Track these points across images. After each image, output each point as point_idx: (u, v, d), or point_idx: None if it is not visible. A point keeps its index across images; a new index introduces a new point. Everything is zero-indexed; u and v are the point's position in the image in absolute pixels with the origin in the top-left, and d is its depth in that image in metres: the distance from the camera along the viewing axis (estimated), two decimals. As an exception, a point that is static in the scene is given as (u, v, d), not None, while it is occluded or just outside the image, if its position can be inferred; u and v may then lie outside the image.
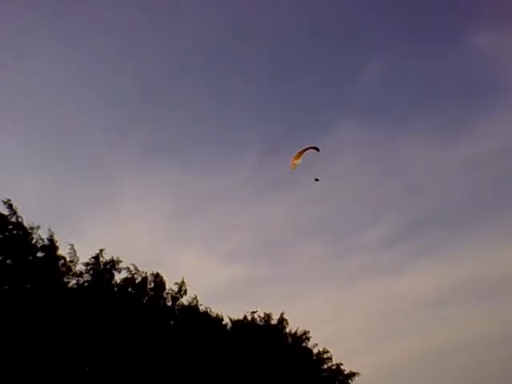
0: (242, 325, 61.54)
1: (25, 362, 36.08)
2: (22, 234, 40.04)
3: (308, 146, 48.50)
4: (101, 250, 45.59)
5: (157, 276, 50.29)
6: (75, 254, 43.93)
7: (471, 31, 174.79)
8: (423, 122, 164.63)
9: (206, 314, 55.07)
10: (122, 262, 46.54)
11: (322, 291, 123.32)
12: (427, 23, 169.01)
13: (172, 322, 50.70)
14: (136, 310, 45.88)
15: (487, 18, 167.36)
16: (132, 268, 48.02)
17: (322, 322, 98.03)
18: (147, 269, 49.49)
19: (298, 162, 48.45)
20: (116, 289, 46.34)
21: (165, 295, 51.27)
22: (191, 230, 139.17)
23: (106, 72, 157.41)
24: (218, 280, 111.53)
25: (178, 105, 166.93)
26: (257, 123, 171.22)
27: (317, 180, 47.70)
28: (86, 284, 44.30)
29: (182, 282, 52.13)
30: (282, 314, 65.22)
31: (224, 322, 59.34)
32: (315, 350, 69.18)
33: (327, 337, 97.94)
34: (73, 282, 43.77)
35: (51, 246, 42.01)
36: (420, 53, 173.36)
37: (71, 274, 43.52)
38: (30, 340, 36.82)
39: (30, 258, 40.69)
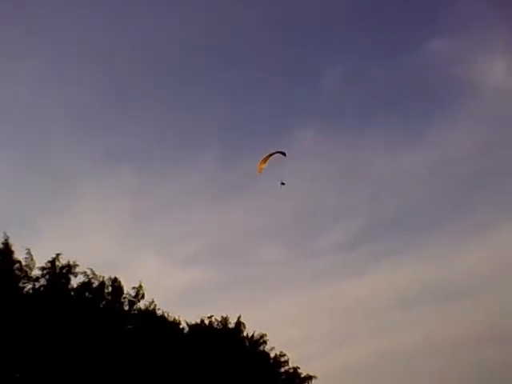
0: (199, 329, 61.92)
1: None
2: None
3: (275, 151, 49.40)
4: (57, 255, 45.45)
5: (115, 280, 50.35)
6: (31, 259, 43.70)
7: (428, 37, 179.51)
8: (384, 125, 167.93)
9: (163, 318, 55.33)
10: (78, 266, 46.47)
11: (283, 294, 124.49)
12: (386, 29, 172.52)
13: (129, 327, 50.70)
14: (93, 315, 45.85)
15: (443, 25, 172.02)
16: (89, 272, 47.94)
17: (283, 325, 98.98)
18: (105, 273, 49.50)
19: (264, 166, 49.30)
20: (73, 293, 46.19)
21: (122, 299, 51.21)
22: (149, 234, 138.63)
23: (63, 74, 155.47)
24: (177, 284, 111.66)
25: (135, 108, 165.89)
26: (216, 126, 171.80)
27: (283, 184, 48.54)
28: (42, 289, 44.05)
29: (140, 286, 52.34)
30: (238, 318, 65.93)
31: (181, 326, 59.65)
32: (272, 354, 70.00)
33: (289, 340, 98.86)
34: (29, 286, 43.52)
35: (6, 251, 41.75)
36: (380, 57, 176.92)
37: (27, 278, 43.20)
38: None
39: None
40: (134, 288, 52.16)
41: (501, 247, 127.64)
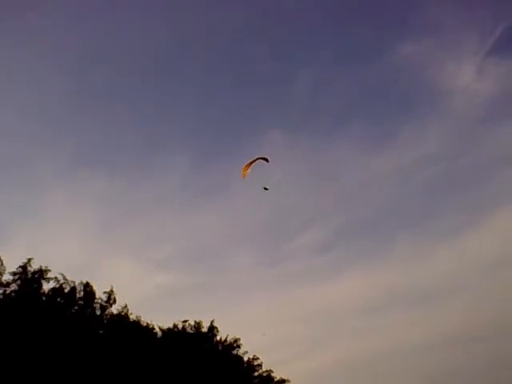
0: (173, 333, 61.92)
1: None
2: None
3: (258, 157, 49.75)
4: (28, 260, 45.31)
5: (86, 285, 50.24)
6: (2, 264, 43.42)
7: (398, 41, 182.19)
8: (355, 128, 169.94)
9: (136, 322, 55.27)
10: (50, 271, 46.44)
11: (256, 298, 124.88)
12: (358, 34, 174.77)
13: (101, 331, 50.50)
14: (65, 320, 45.64)
15: (413, 29, 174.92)
16: (60, 277, 47.73)
17: (256, 329, 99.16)
18: (78, 278, 49.36)
19: (248, 171, 49.59)
20: (44, 298, 45.91)
21: (94, 304, 51.02)
22: (122, 240, 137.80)
23: (34, 82, 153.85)
24: (149, 289, 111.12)
25: (105, 113, 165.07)
26: (188, 132, 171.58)
27: (266, 189, 48.75)
28: (13, 294, 43.71)
29: (111, 291, 52.32)
30: (212, 322, 66.12)
31: (154, 331, 59.58)
32: (246, 358, 70.27)
33: (261, 344, 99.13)
34: (-1, 291, 43.17)
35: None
36: (350, 62, 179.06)
37: (-2, 283, 42.91)
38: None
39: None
40: (105, 293, 52.10)
41: (469, 250, 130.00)
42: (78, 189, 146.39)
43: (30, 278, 44.79)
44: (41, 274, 45.57)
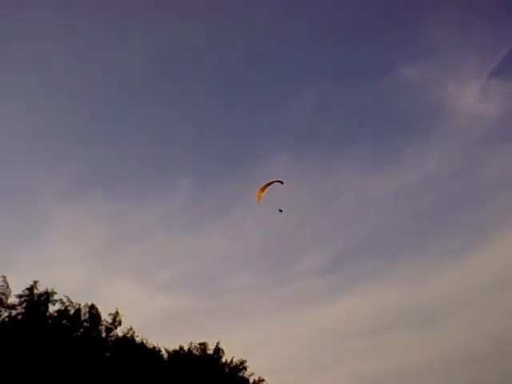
0: (179, 355, 61.33)
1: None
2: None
3: (273, 180, 49.82)
4: (35, 282, 45.20)
5: (92, 307, 50.03)
6: (7, 286, 43.23)
7: (401, 63, 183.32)
8: (356, 150, 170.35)
9: (142, 344, 54.84)
10: (56, 293, 46.11)
11: (259, 321, 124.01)
12: (359, 55, 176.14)
13: (107, 354, 50.05)
14: (70, 343, 45.29)
15: (415, 51, 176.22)
16: (65, 300, 47.52)
17: (259, 351, 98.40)
18: (82, 300, 49.21)
19: (262, 195, 49.55)
20: (50, 321, 45.61)
21: (100, 327, 50.71)
22: (126, 261, 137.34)
23: (33, 103, 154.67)
24: (154, 311, 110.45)
25: (107, 135, 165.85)
26: (190, 154, 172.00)
27: (281, 211, 48.67)
28: (19, 317, 43.44)
29: (116, 313, 52.12)
30: (217, 344, 65.49)
31: (161, 353, 59.02)
32: (251, 380, 69.43)
33: (264, 366, 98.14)
34: (5, 314, 42.88)
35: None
36: (351, 84, 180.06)
37: (3, 306, 42.62)
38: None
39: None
40: (111, 315, 51.80)
41: (470, 271, 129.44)
42: (81, 211, 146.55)
43: (36, 301, 44.57)
44: (47, 296, 45.37)
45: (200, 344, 64.83)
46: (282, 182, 49.22)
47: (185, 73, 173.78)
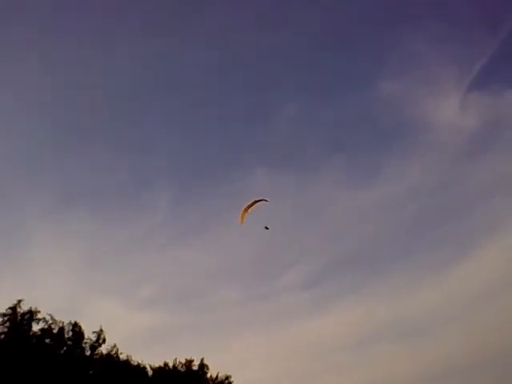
0: (164, 372, 61.27)
1: None
2: None
3: (256, 199, 50.11)
4: (18, 301, 45.13)
5: (75, 325, 50.02)
6: (-11, 306, 43.10)
7: (379, 78, 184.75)
8: (338, 164, 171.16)
9: (126, 362, 54.76)
10: (40, 312, 46.01)
11: (244, 335, 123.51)
12: (338, 70, 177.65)
13: (91, 372, 49.97)
14: (54, 361, 45.18)
15: (394, 65, 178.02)
16: (49, 318, 47.54)
17: (245, 366, 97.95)
18: (66, 318, 49.16)
19: (246, 215, 49.87)
20: (34, 340, 45.53)
21: (83, 345, 50.62)
22: (110, 278, 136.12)
23: (11, 120, 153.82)
24: (137, 327, 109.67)
25: (86, 152, 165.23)
26: (171, 169, 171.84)
27: (267, 228, 49.05)
28: (2, 336, 43.41)
29: (101, 331, 52.22)
30: (202, 360, 65.51)
31: (145, 370, 58.90)
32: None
33: (251, 380, 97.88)
34: (-13, 333, 42.81)
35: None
36: (331, 98, 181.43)
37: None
38: None
39: None
40: (94, 332, 51.83)
41: (455, 283, 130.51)
42: (64, 228, 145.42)
43: (19, 320, 44.51)
44: (30, 315, 45.37)
45: (185, 360, 64.84)
46: (266, 200, 49.66)
47: (165, 86, 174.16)
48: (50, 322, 47.87)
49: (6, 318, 44.07)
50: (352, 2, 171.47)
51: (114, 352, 53.55)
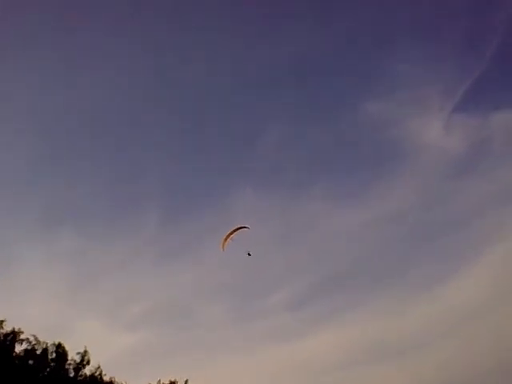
0: (148, 393, 60.89)
1: None
2: None
3: (237, 227, 50.46)
4: (1, 321, 44.97)
5: (59, 346, 49.77)
6: (-27, 326, 42.93)
7: (364, 99, 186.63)
8: (325, 183, 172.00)
9: (110, 383, 54.39)
10: (23, 332, 45.82)
11: (229, 356, 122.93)
12: (323, 91, 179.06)
13: (75, 394, 49.73)
14: (37, 383, 44.96)
15: (378, 87, 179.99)
16: (32, 339, 47.29)
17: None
18: (49, 339, 48.90)
19: (227, 242, 50.19)
20: (17, 361, 45.31)
21: (67, 366, 50.40)
22: (93, 298, 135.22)
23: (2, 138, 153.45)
24: (122, 348, 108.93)
25: (72, 171, 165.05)
26: (157, 189, 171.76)
27: (249, 254, 49.33)
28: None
29: (85, 352, 51.88)
30: (186, 382, 65.09)
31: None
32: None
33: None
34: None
35: None
36: (316, 119, 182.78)
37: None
38: None
39: None
40: (78, 353, 51.53)
41: (443, 303, 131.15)
42: (48, 248, 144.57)
43: (2, 340, 44.31)
44: (14, 335, 45.18)
45: (170, 381, 64.46)
46: (247, 228, 49.98)
47: (148, 108, 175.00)
48: (34, 342, 47.64)
49: (-12, 339, 43.90)
50: (336, 23, 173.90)
51: (97, 373, 53.23)
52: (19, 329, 45.64)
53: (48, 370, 48.73)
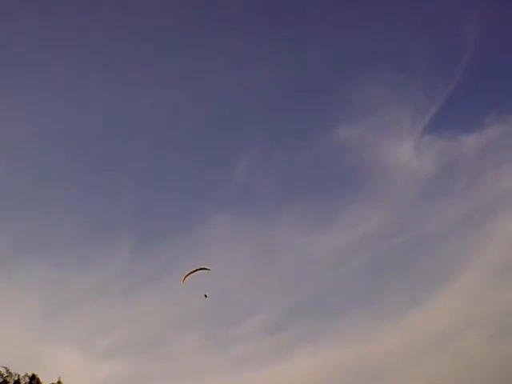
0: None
1: None
2: None
3: (198, 267, 50.72)
4: (-30, 354, 44.10)
5: (33, 378, 48.97)
6: None
7: (335, 124, 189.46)
8: (296, 209, 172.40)
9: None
10: (-6, 365, 45.15)
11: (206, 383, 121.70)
12: (295, 116, 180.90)
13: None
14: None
15: (349, 111, 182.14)
16: (4, 371, 46.56)
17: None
18: (22, 371, 48.19)
19: (186, 280, 50.42)
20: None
21: (41, 398, 49.74)
22: (68, 329, 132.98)
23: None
24: (97, 379, 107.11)
25: (42, 198, 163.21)
26: (129, 218, 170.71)
27: (206, 296, 49.53)
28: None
29: (59, 382, 50.94)
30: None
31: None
32: None
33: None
34: None
35: None
36: (289, 145, 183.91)
37: None
38: None
39: None
40: (52, 384, 50.73)
41: (417, 326, 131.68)
42: (20, 279, 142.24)
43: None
44: (-15, 369, 44.47)
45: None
46: (207, 269, 50.26)
47: (123, 135, 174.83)
48: (6, 375, 46.93)
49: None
50: (310, 49, 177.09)
51: (72, 405, 52.70)
52: (-10, 361, 44.99)
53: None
